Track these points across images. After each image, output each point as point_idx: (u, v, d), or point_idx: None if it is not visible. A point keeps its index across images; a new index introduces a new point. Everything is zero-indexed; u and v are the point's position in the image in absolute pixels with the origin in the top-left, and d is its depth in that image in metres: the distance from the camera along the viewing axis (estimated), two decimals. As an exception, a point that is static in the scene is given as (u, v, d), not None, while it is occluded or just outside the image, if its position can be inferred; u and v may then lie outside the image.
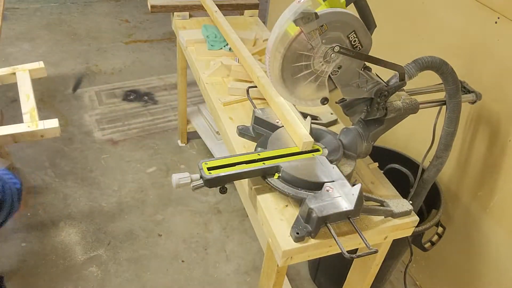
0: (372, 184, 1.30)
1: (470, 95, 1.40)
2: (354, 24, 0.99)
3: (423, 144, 1.77)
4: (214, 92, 1.64)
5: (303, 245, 1.07)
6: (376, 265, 1.36)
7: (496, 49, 1.44)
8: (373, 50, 1.05)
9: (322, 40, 0.99)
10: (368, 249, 1.02)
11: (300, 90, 1.09)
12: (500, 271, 1.60)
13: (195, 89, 3.06)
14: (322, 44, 1.00)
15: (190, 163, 2.62)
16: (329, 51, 1.01)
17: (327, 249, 1.12)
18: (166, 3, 2.15)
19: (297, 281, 2.04)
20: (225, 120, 1.50)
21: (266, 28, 2.21)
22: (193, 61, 1.86)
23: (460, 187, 1.70)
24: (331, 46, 1.00)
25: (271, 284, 1.23)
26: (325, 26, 0.97)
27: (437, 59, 1.19)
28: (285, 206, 1.17)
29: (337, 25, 0.98)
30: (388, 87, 1.11)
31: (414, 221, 1.21)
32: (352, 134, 1.23)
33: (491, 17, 1.43)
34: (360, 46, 1.03)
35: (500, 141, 1.50)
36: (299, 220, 1.08)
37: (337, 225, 1.12)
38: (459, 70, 1.28)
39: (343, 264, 1.63)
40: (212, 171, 1.10)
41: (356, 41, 1.02)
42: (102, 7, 4.29)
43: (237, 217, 2.31)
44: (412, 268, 2.07)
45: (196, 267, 2.05)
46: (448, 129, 1.36)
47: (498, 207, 1.56)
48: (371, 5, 1.04)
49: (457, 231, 1.75)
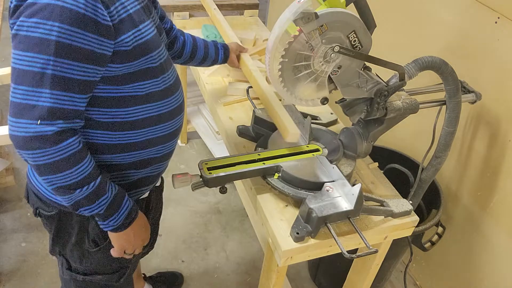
0: (372, 184, 1.30)
1: (470, 95, 1.40)
2: (354, 24, 0.99)
3: (423, 144, 1.77)
4: (214, 92, 1.64)
5: (303, 245, 1.07)
6: (376, 265, 1.36)
7: (496, 49, 1.44)
8: (373, 50, 1.05)
9: (322, 40, 0.99)
10: (368, 249, 1.02)
11: (300, 90, 1.09)
12: (499, 270, 1.60)
13: (195, 89, 3.06)
14: (322, 44, 1.00)
15: (190, 163, 2.62)
16: (329, 51, 1.01)
17: (327, 249, 1.12)
18: (166, 3, 2.15)
19: (297, 281, 2.04)
20: (225, 120, 1.50)
21: (266, 28, 2.21)
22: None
23: (460, 187, 1.70)
24: (331, 46, 1.00)
25: (271, 284, 1.23)
26: (325, 26, 0.97)
27: (437, 59, 1.19)
28: (285, 206, 1.17)
29: (337, 25, 0.98)
30: (388, 87, 1.11)
31: (414, 221, 1.21)
32: (352, 134, 1.23)
33: (491, 17, 1.43)
34: (360, 46, 1.03)
35: (500, 141, 1.50)
36: (299, 220, 1.08)
37: (337, 225, 1.12)
38: (459, 70, 1.28)
39: (343, 264, 1.63)
40: (212, 171, 1.10)
41: (356, 41, 1.02)
42: (102, 7, 4.29)
43: (237, 217, 2.31)
44: (412, 268, 2.07)
45: (196, 267, 2.05)
46: (448, 129, 1.36)
47: (498, 207, 1.56)
48: (371, 5, 1.04)
49: (457, 231, 1.75)
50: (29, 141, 0.86)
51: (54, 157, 0.88)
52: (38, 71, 0.84)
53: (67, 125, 0.89)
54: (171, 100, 1.09)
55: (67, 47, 0.84)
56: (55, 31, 0.82)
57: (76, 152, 0.91)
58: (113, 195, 0.99)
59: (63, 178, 0.91)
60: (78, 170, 0.91)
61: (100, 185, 0.96)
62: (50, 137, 0.87)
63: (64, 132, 0.89)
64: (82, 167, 0.92)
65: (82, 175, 0.92)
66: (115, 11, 0.89)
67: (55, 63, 0.84)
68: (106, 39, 0.88)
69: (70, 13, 0.82)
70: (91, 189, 0.94)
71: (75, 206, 0.96)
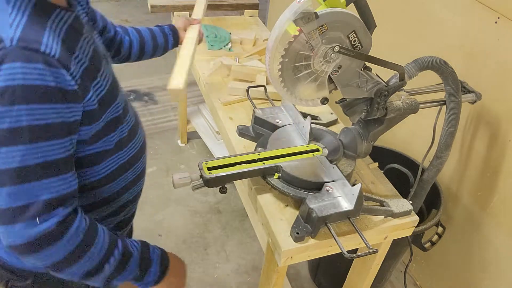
0: (372, 184, 1.30)
1: (470, 95, 1.40)
2: (354, 24, 0.99)
3: (423, 144, 1.77)
4: (214, 92, 1.64)
5: (303, 245, 1.07)
6: (376, 265, 1.36)
7: (496, 49, 1.44)
8: (373, 50, 1.05)
9: (322, 40, 0.99)
10: (368, 249, 1.02)
11: (300, 90, 1.09)
12: (499, 270, 1.60)
13: (195, 89, 3.06)
14: (322, 44, 1.00)
15: (190, 163, 2.62)
16: (329, 51, 1.01)
17: (327, 249, 1.12)
18: (166, 3, 2.15)
19: (297, 281, 2.04)
20: (225, 120, 1.50)
21: (266, 28, 2.21)
22: (193, 61, 1.85)
23: (460, 187, 1.70)
24: (331, 46, 1.00)
25: (271, 284, 1.22)
26: (325, 26, 0.97)
27: (437, 59, 1.19)
28: (285, 206, 1.17)
29: (337, 25, 0.98)
30: (388, 87, 1.11)
31: (414, 221, 1.21)
32: (352, 134, 1.23)
33: (491, 17, 1.43)
34: (360, 46, 1.03)
35: (500, 141, 1.50)
36: (299, 220, 1.08)
37: (337, 225, 1.12)
38: (459, 70, 1.28)
39: (343, 264, 1.63)
40: (212, 171, 1.10)
41: (356, 41, 1.02)
42: (102, 7, 4.29)
43: (237, 217, 2.31)
44: (412, 268, 2.07)
45: (196, 267, 2.05)
46: (448, 129, 1.36)
47: (498, 208, 1.56)
48: (371, 5, 1.04)
49: (457, 231, 1.75)
50: (34, 245, 0.75)
51: (68, 248, 0.78)
52: (18, 166, 0.72)
53: (67, 209, 0.79)
54: (136, 140, 1.03)
55: (42, 128, 0.73)
56: (23, 115, 0.71)
57: (88, 230, 0.81)
58: (139, 251, 0.91)
59: (88, 263, 0.81)
60: (98, 246, 0.83)
61: (124, 248, 0.88)
62: (55, 230, 0.76)
63: (67, 218, 0.78)
64: (100, 240, 0.83)
65: (104, 248, 0.84)
66: (75, 71, 0.78)
67: (35, 150, 0.73)
68: (75, 104, 0.78)
69: (34, 90, 0.71)
70: (118, 257, 0.86)
71: (109, 281, 0.87)
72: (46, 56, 0.73)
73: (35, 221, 0.74)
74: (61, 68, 0.74)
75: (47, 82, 0.72)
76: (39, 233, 0.75)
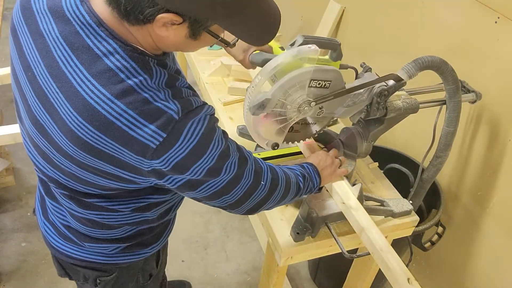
0: (372, 184, 1.30)
1: (470, 95, 1.40)
2: (306, 76, 0.97)
3: (423, 144, 1.76)
4: (214, 92, 1.64)
5: (303, 245, 1.07)
6: (376, 265, 1.36)
7: (496, 49, 1.44)
8: (373, 49, 1.04)
9: (292, 105, 0.99)
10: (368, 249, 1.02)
11: (263, 127, 1.06)
12: (499, 271, 1.60)
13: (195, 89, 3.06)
14: (292, 108, 0.99)
15: (190, 163, 2.62)
16: (304, 104, 1.00)
17: (327, 249, 1.12)
18: (166, 3, 2.15)
19: (297, 281, 2.04)
20: (225, 120, 1.50)
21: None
22: (193, 61, 1.86)
23: (460, 187, 1.70)
24: (307, 100, 0.99)
25: (271, 284, 1.23)
26: (283, 96, 0.97)
27: (437, 58, 1.19)
28: (285, 206, 1.17)
29: (296, 86, 0.97)
30: (388, 87, 1.11)
31: (414, 221, 1.21)
32: (352, 134, 1.23)
33: (491, 17, 1.43)
34: (327, 83, 1.01)
35: (500, 141, 1.50)
36: (299, 220, 1.08)
37: (337, 225, 1.12)
38: (459, 70, 1.28)
39: (343, 264, 1.63)
40: (212, 171, 1.10)
41: (320, 83, 1.00)
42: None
43: (237, 217, 2.31)
44: (412, 268, 2.07)
45: (196, 267, 2.05)
46: (448, 128, 1.36)
47: (498, 207, 1.56)
48: (371, 5, 1.03)
49: (457, 231, 1.75)
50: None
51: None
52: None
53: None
54: None
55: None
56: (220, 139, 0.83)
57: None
58: (308, 168, 1.04)
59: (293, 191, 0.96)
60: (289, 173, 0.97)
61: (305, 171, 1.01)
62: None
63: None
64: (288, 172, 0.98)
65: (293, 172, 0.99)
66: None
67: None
68: None
69: (214, 121, 0.86)
70: (309, 173, 1.01)
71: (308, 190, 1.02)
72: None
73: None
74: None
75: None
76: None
